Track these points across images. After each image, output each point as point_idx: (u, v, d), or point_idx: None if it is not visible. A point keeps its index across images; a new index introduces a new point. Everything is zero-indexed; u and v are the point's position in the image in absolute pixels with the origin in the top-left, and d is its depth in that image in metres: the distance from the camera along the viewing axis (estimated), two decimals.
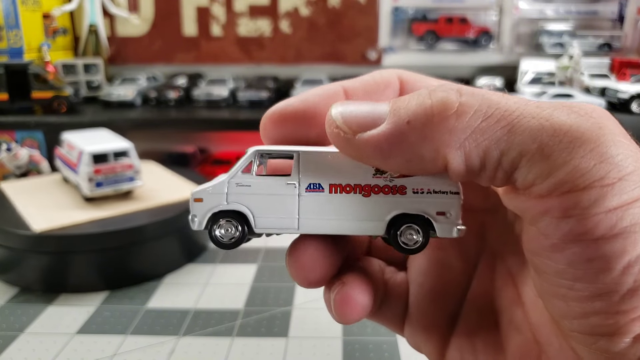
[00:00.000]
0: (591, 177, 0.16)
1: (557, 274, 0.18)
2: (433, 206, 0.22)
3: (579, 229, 0.16)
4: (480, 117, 0.18)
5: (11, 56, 1.03)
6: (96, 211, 0.52)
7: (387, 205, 0.22)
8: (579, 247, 0.17)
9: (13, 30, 1.03)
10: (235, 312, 0.44)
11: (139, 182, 0.55)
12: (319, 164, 0.22)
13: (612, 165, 0.16)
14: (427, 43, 1.37)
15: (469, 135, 0.18)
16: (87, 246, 0.48)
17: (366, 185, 0.22)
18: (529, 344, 0.21)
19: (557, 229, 0.17)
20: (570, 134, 0.17)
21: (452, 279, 0.25)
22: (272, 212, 0.23)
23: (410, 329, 0.26)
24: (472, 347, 0.23)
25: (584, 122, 0.17)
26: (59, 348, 0.39)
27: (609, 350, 0.17)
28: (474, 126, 0.18)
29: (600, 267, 0.16)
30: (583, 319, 0.17)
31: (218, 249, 0.57)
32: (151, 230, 0.50)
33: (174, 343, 0.40)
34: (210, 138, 1.41)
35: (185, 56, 1.37)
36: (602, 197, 0.16)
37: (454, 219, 0.21)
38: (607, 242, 0.16)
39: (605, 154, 0.16)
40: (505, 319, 0.23)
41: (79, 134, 0.60)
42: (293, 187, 0.22)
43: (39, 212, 0.51)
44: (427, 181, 0.21)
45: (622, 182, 0.16)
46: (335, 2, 1.33)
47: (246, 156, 0.23)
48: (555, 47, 1.35)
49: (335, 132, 0.20)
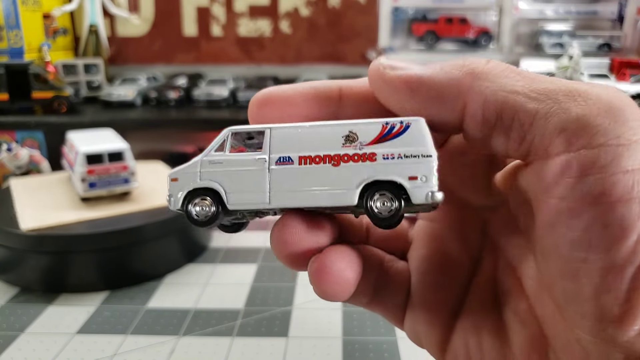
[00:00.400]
0: (606, 134, 0.17)
1: (572, 244, 0.17)
2: (405, 171, 0.21)
3: (597, 188, 0.16)
4: (502, 75, 0.19)
5: (11, 56, 1.03)
6: (95, 211, 0.52)
7: (357, 173, 0.21)
8: (596, 210, 0.16)
9: (13, 31, 1.03)
10: (235, 312, 0.44)
11: (135, 183, 0.55)
12: (289, 138, 0.22)
13: (626, 127, 0.17)
14: (427, 43, 1.37)
15: (489, 85, 0.19)
16: (87, 246, 0.48)
17: (335, 154, 0.22)
18: (535, 337, 0.21)
19: (574, 189, 0.17)
20: (585, 94, 0.18)
21: (455, 271, 0.25)
22: (244, 187, 0.23)
23: (411, 320, 0.26)
24: (478, 338, 0.23)
25: (600, 89, 0.18)
26: (59, 348, 0.39)
27: (616, 340, 0.17)
28: (496, 78, 0.19)
29: (616, 234, 0.16)
30: (593, 301, 0.17)
31: (218, 249, 0.58)
32: (151, 230, 0.50)
33: (174, 343, 0.40)
34: (211, 138, 1.41)
35: (186, 56, 1.37)
36: (619, 157, 0.16)
37: (428, 183, 0.21)
38: (624, 206, 0.16)
39: (619, 115, 0.17)
40: (510, 311, 0.22)
41: (83, 133, 0.60)
42: (263, 162, 0.22)
43: (34, 211, 0.52)
44: (398, 146, 0.21)
45: (637, 144, 0.16)
46: (335, 3, 1.33)
47: (220, 135, 0.24)
48: (555, 47, 1.35)
49: (375, 67, 0.21)
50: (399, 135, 0.21)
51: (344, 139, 0.22)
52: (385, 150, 0.21)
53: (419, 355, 0.38)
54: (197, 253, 0.56)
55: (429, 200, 0.20)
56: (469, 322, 0.24)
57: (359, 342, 0.40)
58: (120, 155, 0.54)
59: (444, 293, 0.25)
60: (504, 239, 0.24)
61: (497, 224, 0.24)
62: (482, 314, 0.23)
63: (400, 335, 0.41)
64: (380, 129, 0.21)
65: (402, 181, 0.21)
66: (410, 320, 0.26)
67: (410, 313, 0.26)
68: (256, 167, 0.23)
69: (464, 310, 0.24)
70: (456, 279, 0.25)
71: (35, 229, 0.47)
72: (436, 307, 0.25)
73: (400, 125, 0.21)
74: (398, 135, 0.21)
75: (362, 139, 0.21)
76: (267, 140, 0.23)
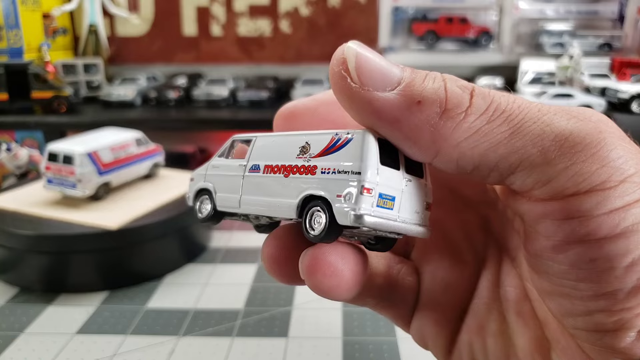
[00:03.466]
0: (593, 181, 0.16)
1: (560, 274, 0.18)
2: (334, 187, 0.19)
3: (582, 230, 0.17)
4: (484, 121, 0.17)
5: (11, 56, 1.03)
6: (94, 212, 0.52)
7: (298, 186, 0.20)
8: (582, 247, 0.17)
9: (13, 30, 1.03)
10: (235, 312, 0.44)
11: (79, 192, 0.53)
12: (265, 146, 0.23)
13: (614, 169, 0.16)
14: (427, 43, 1.37)
15: (470, 135, 0.18)
16: (87, 246, 0.48)
17: (289, 165, 0.21)
18: (538, 339, 0.21)
19: (558, 230, 0.17)
20: (571, 139, 0.17)
21: (463, 272, 0.25)
22: (227, 190, 0.24)
23: (419, 321, 0.25)
24: (482, 339, 0.23)
25: (584, 127, 0.17)
26: (58, 348, 0.39)
27: (614, 346, 0.17)
28: (476, 127, 0.17)
29: (604, 266, 0.16)
30: (587, 317, 0.17)
31: (218, 249, 0.57)
32: (151, 230, 0.50)
33: (174, 343, 0.40)
34: (210, 138, 1.41)
35: (185, 56, 1.37)
36: (605, 200, 0.16)
37: (350, 203, 0.18)
38: (610, 242, 0.16)
39: (606, 157, 0.16)
40: (513, 313, 0.22)
41: (98, 132, 0.60)
42: (242, 169, 0.23)
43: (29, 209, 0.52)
44: (337, 159, 0.19)
45: (624, 184, 0.16)
46: (335, 2, 1.33)
47: (226, 142, 0.25)
48: (556, 47, 1.35)
49: (342, 74, 0.18)
50: (341, 148, 0.19)
51: (300, 150, 0.21)
52: (325, 164, 0.19)
53: (419, 355, 0.38)
54: (197, 253, 0.56)
55: (350, 221, 0.18)
56: (474, 323, 0.24)
57: (359, 342, 0.40)
58: (70, 159, 0.53)
59: (453, 296, 0.25)
60: (505, 238, 0.24)
61: (498, 222, 0.24)
62: (487, 315, 0.23)
63: (400, 335, 0.41)
64: (329, 140, 0.20)
65: (330, 198, 0.19)
66: (418, 321, 0.26)
67: (418, 314, 0.25)
68: (237, 173, 0.23)
69: (469, 311, 0.24)
70: (463, 279, 0.25)
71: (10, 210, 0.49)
72: (445, 310, 0.25)
73: (346, 137, 0.19)
74: (341, 148, 0.19)
75: (312, 150, 0.20)
76: (250, 148, 0.23)
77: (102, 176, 0.54)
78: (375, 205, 0.18)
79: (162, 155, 0.60)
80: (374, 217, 0.18)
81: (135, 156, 0.57)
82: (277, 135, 0.22)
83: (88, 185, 0.53)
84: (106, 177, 0.55)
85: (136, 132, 0.59)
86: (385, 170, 0.19)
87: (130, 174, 0.57)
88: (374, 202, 0.18)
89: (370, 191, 0.18)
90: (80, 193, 0.53)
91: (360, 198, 0.18)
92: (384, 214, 0.18)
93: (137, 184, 0.59)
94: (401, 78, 0.18)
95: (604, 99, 1.15)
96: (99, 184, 0.54)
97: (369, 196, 0.18)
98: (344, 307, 0.45)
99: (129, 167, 0.57)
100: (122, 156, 0.56)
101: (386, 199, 0.19)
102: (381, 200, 0.18)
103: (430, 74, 0.18)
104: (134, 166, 0.57)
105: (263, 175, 0.22)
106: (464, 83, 0.18)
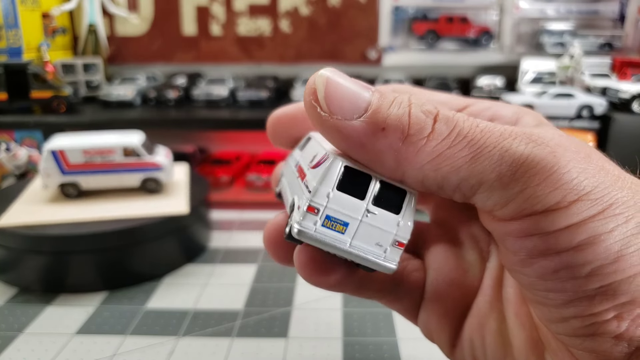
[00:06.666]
0: (547, 202, 0.17)
1: (531, 285, 0.19)
2: (299, 199, 0.21)
3: (541, 245, 0.18)
4: (446, 145, 0.19)
5: (10, 56, 1.03)
6: (94, 212, 0.52)
7: (296, 189, 0.22)
8: (545, 261, 0.18)
9: (12, 30, 1.03)
10: (235, 313, 0.44)
11: (43, 184, 0.55)
12: (308, 147, 0.24)
13: (567, 190, 0.17)
14: (428, 42, 1.37)
15: (432, 159, 0.19)
16: (86, 246, 0.48)
17: (303, 169, 0.22)
18: (533, 340, 0.22)
19: (521, 247, 0.18)
20: (526, 164, 0.18)
21: (466, 269, 0.26)
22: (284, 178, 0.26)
23: (424, 316, 0.26)
24: (482, 336, 0.24)
25: (540, 152, 0.18)
26: (58, 348, 0.39)
27: (596, 350, 0.18)
28: (438, 152, 0.19)
29: (566, 276, 0.17)
30: (564, 323, 0.18)
31: (218, 249, 0.57)
32: (151, 230, 0.50)
33: (173, 343, 0.40)
34: (210, 138, 1.41)
35: (185, 56, 1.37)
36: (559, 218, 0.17)
37: (298, 217, 0.19)
38: (568, 255, 0.17)
39: (559, 180, 0.17)
40: (512, 313, 0.23)
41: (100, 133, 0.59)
42: (294, 162, 0.25)
43: (25, 207, 0.52)
44: (313, 175, 0.20)
45: (578, 203, 0.17)
46: (335, 2, 1.33)
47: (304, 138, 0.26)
48: (556, 46, 1.35)
49: (312, 104, 0.20)
50: (319, 166, 0.20)
51: (312, 158, 0.22)
52: (308, 176, 0.21)
53: (419, 356, 0.38)
54: (197, 253, 0.56)
55: (292, 232, 0.19)
56: (475, 320, 0.24)
57: (359, 342, 0.40)
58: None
59: (457, 291, 0.25)
60: None
61: None
62: (489, 313, 0.24)
63: (401, 335, 0.41)
64: (322, 155, 0.21)
65: (295, 207, 0.20)
66: (423, 316, 0.26)
67: (424, 309, 0.26)
68: (291, 164, 0.26)
69: (473, 308, 0.25)
70: (467, 277, 0.25)
71: (8, 226, 0.48)
72: (448, 306, 0.25)
73: (325, 158, 0.20)
74: (319, 166, 0.20)
75: (313, 162, 0.22)
76: (303, 144, 0.25)
77: (66, 176, 0.54)
78: (319, 225, 0.19)
79: (164, 171, 0.57)
80: (315, 234, 0.19)
81: (118, 165, 0.55)
82: (317, 139, 0.24)
83: (48, 180, 0.54)
84: (71, 178, 0.55)
85: (141, 137, 0.58)
86: (341, 196, 0.19)
87: (109, 181, 0.56)
88: (317, 221, 0.19)
89: (315, 211, 0.19)
90: (44, 185, 0.55)
91: (304, 215, 0.19)
92: (329, 235, 0.19)
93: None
94: (369, 104, 0.19)
95: (604, 98, 1.15)
96: (61, 182, 0.54)
97: (312, 215, 0.19)
98: (344, 308, 0.45)
99: (107, 175, 0.55)
100: (98, 161, 0.55)
101: (336, 222, 0.19)
102: (329, 222, 0.19)
103: (398, 98, 0.19)
104: (115, 175, 0.56)
105: (294, 172, 0.24)
106: (429, 108, 0.19)
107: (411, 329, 0.41)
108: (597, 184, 0.17)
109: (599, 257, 0.17)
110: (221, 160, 1.00)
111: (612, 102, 1.18)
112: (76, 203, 0.54)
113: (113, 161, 0.55)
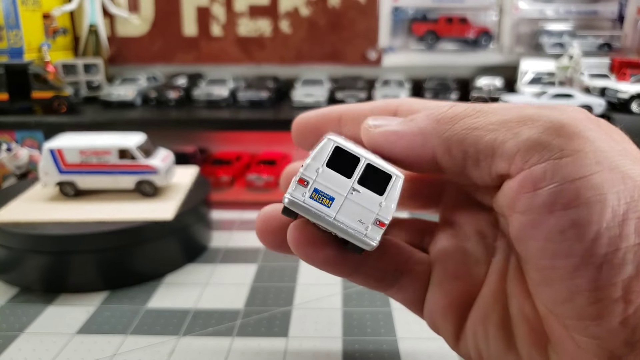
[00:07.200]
0: (552, 150, 0.18)
1: (539, 254, 0.19)
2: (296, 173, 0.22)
3: (549, 199, 0.18)
4: (464, 114, 0.21)
5: (11, 56, 1.03)
6: (90, 211, 0.52)
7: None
8: (552, 219, 0.18)
9: (13, 30, 1.03)
10: (235, 312, 0.44)
11: (42, 182, 0.55)
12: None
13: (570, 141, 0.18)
14: (427, 43, 1.37)
15: (452, 127, 0.21)
16: (87, 246, 0.48)
17: None
18: (537, 332, 0.22)
19: (531, 203, 0.19)
20: (535, 117, 0.20)
21: (473, 264, 0.26)
22: None
23: (429, 308, 0.27)
24: (485, 329, 0.24)
25: (551, 112, 0.20)
26: (59, 348, 0.39)
27: (599, 337, 0.18)
28: (459, 116, 0.21)
29: (573, 236, 0.18)
30: (570, 303, 0.18)
31: (218, 249, 0.58)
32: (151, 230, 0.50)
33: (174, 343, 0.40)
34: (210, 138, 1.41)
35: (185, 56, 1.37)
36: (563, 168, 0.18)
37: (291, 188, 0.21)
38: (574, 211, 0.17)
39: (564, 131, 0.19)
40: (516, 306, 0.23)
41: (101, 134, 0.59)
42: None
43: (23, 205, 0.53)
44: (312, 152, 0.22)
45: (579, 154, 0.18)
46: (335, 2, 1.33)
47: None
48: (555, 47, 1.35)
49: (363, 127, 0.24)
50: (317, 145, 0.22)
51: None
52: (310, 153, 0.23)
53: (419, 355, 0.38)
54: (197, 253, 0.56)
55: (284, 202, 0.21)
56: (479, 312, 0.25)
57: (359, 342, 0.40)
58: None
59: (462, 283, 0.26)
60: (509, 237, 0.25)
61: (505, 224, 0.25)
62: (493, 305, 0.24)
63: (400, 335, 0.41)
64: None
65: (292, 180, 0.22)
66: (427, 307, 0.27)
67: (428, 301, 0.27)
68: None
69: (477, 300, 0.25)
70: (473, 271, 0.26)
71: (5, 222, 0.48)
72: (453, 296, 0.26)
73: (322, 137, 0.22)
74: (317, 145, 0.22)
75: None
76: None
77: (63, 175, 0.54)
78: (307, 197, 0.21)
79: (159, 175, 0.56)
80: (303, 204, 0.21)
81: (113, 166, 0.55)
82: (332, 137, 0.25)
83: (47, 179, 0.55)
84: (68, 177, 0.55)
85: (140, 138, 0.57)
86: (329, 172, 0.21)
87: (104, 182, 0.56)
88: (306, 193, 0.21)
89: (305, 183, 0.21)
90: (42, 183, 0.55)
91: (295, 186, 0.21)
92: (315, 207, 0.21)
93: None
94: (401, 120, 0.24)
95: (603, 99, 1.15)
96: (59, 180, 0.55)
97: (302, 187, 0.21)
98: (344, 307, 0.45)
99: (102, 175, 0.55)
100: (93, 162, 0.55)
101: (322, 195, 0.21)
102: (316, 195, 0.21)
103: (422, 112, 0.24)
104: (110, 176, 0.56)
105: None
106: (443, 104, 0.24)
107: (411, 329, 0.41)
108: (609, 149, 0.18)
109: (605, 217, 0.17)
110: (222, 160, 1.00)
111: (611, 102, 1.18)
112: (71, 203, 0.54)
113: (108, 162, 0.55)
